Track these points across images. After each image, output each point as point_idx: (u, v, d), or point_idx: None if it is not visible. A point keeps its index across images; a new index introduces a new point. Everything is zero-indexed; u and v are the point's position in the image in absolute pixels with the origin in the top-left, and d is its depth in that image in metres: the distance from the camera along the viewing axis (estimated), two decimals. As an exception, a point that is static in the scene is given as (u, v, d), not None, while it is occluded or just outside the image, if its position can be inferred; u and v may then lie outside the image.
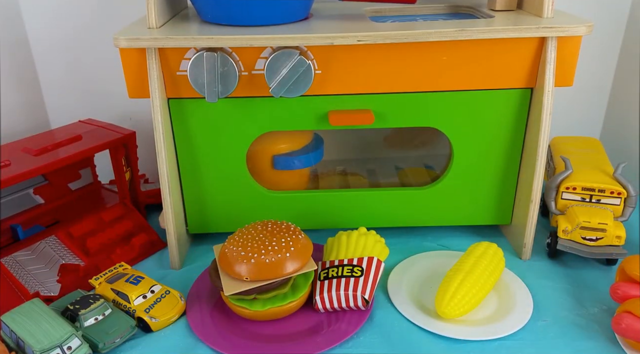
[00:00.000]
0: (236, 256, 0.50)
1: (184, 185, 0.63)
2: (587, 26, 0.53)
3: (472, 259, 0.55)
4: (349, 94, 0.58)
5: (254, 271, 0.49)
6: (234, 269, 0.50)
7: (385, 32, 0.52)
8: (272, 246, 0.50)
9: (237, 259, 0.50)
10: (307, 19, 0.60)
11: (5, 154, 0.62)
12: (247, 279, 0.50)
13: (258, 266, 0.49)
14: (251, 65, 0.55)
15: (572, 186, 0.61)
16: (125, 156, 0.69)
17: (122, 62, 0.55)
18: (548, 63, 0.54)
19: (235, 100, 0.58)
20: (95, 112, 0.79)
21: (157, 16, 0.54)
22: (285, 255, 0.50)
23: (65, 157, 0.61)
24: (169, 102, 0.58)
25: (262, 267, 0.49)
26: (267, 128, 0.60)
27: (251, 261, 0.49)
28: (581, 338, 0.50)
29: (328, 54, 0.55)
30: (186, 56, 0.55)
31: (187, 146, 0.60)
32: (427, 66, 0.56)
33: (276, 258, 0.50)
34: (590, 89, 0.84)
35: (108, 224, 0.66)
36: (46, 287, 0.57)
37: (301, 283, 0.53)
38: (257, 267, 0.49)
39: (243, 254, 0.50)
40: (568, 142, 0.73)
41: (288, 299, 0.52)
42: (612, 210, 0.60)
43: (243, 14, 0.55)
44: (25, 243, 0.62)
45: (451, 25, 0.55)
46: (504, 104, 0.58)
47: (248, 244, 0.51)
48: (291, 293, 0.52)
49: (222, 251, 0.53)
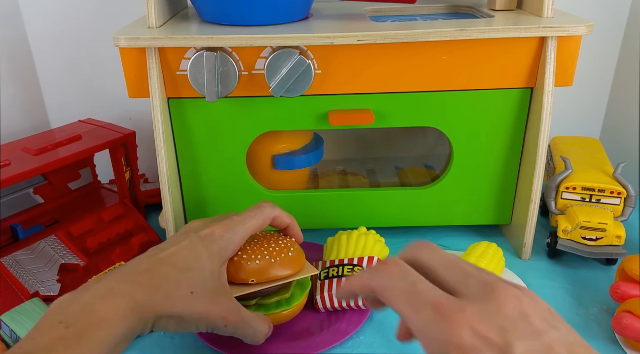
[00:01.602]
0: (238, 260, 0.49)
1: (184, 185, 0.63)
2: (588, 26, 0.53)
3: (472, 259, 0.55)
4: (349, 94, 0.58)
5: (260, 271, 0.48)
6: (240, 273, 0.48)
7: (385, 32, 0.52)
8: (273, 248, 0.50)
9: (239, 262, 0.48)
10: (307, 18, 0.60)
11: (5, 153, 0.62)
12: (254, 281, 0.48)
13: (264, 267, 0.48)
14: (251, 65, 0.55)
15: (572, 186, 0.61)
16: (125, 155, 0.69)
17: (122, 62, 0.55)
18: (548, 63, 0.54)
19: (236, 100, 0.58)
20: (95, 112, 0.79)
21: (157, 16, 0.54)
22: (288, 254, 0.50)
23: (65, 157, 0.61)
24: (169, 102, 0.58)
25: (268, 267, 0.48)
26: (267, 128, 0.60)
27: (256, 263, 0.48)
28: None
29: (328, 54, 0.55)
30: (186, 56, 0.55)
31: (187, 145, 0.61)
32: (427, 66, 0.56)
33: (281, 258, 0.49)
34: (590, 89, 0.84)
35: (108, 224, 0.66)
36: (46, 287, 0.57)
37: (297, 292, 0.52)
38: (264, 268, 0.48)
39: (245, 257, 0.49)
40: (568, 142, 0.73)
41: (294, 302, 0.51)
42: (612, 210, 0.60)
43: (243, 14, 0.55)
44: (26, 243, 0.62)
45: (451, 25, 0.55)
46: (504, 104, 0.58)
47: (247, 248, 0.50)
48: (296, 295, 0.52)
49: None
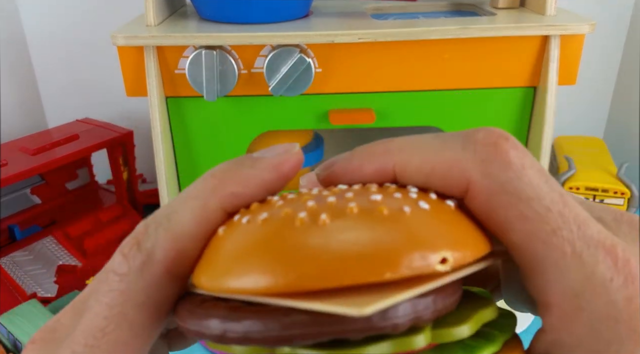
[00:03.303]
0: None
1: (182, 185, 0.62)
2: (590, 24, 0.52)
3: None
4: (350, 93, 0.57)
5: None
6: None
7: (386, 30, 0.51)
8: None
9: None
10: (307, 16, 0.59)
11: (2, 153, 0.61)
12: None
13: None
14: (250, 64, 0.55)
15: (575, 186, 0.61)
16: (123, 155, 0.69)
17: (120, 60, 0.54)
18: (551, 62, 0.54)
19: (235, 98, 0.57)
20: (93, 111, 0.79)
21: (155, 14, 0.54)
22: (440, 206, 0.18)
23: (62, 156, 0.61)
24: (167, 100, 0.57)
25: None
26: (267, 127, 0.59)
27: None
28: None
29: (328, 52, 0.54)
30: (185, 54, 0.54)
31: (185, 145, 0.60)
32: (428, 64, 0.55)
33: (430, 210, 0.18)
34: (593, 88, 0.83)
35: (105, 224, 0.66)
36: (43, 288, 0.57)
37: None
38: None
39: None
40: (571, 141, 0.72)
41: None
42: (615, 210, 0.60)
43: (242, 12, 0.54)
44: (23, 244, 0.61)
45: (453, 23, 0.54)
46: (507, 103, 0.58)
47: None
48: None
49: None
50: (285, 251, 0.14)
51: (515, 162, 0.16)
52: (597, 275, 0.15)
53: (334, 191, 0.17)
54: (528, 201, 0.15)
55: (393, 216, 0.14)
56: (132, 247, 0.17)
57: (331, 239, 0.14)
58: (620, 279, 0.15)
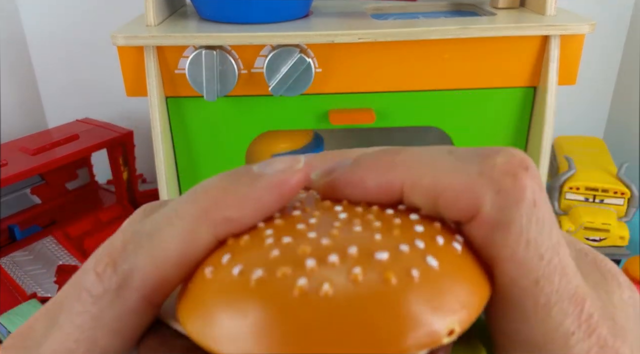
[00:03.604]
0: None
1: (182, 185, 0.62)
2: (590, 24, 0.52)
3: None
4: (350, 93, 0.57)
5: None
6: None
7: (386, 30, 0.51)
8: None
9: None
10: (307, 16, 0.59)
11: (2, 153, 0.61)
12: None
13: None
14: (250, 64, 0.55)
15: (575, 186, 0.61)
16: (123, 155, 0.69)
17: (120, 60, 0.54)
18: (551, 62, 0.54)
19: (235, 98, 0.57)
20: (93, 111, 0.79)
21: (155, 14, 0.54)
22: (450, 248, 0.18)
23: (62, 156, 0.61)
24: (167, 100, 0.57)
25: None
26: (267, 127, 0.59)
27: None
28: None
29: (328, 52, 0.54)
30: (185, 54, 0.54)
31: (185, 145, 0.60)
32: (428, 64, 0.55)
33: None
34: (593, 88, 0.83)
35: (105, 224, 0.66)
36: (43, 288, 0.57)
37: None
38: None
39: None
40: (571, 141, 0.72)
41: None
42: (615, 210, 0.59)
43: (242, 12, 0.54)
44: (23, 244, 0.61)
45: (453, 23, 0.54)
46: (507, 102, 0.58)
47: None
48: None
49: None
50: (288, 333, 0.13)
51: (529, 198, 0.15)
52: (560, 329, 0.15)
53: (335, 227, 0.16)
54: (527, 245, 0.15)
55: (401, 287, 0.14)
56: (107, 266, 0.15)
57: (334, 316, 0.13)
58: (581, 333, 0.15)
